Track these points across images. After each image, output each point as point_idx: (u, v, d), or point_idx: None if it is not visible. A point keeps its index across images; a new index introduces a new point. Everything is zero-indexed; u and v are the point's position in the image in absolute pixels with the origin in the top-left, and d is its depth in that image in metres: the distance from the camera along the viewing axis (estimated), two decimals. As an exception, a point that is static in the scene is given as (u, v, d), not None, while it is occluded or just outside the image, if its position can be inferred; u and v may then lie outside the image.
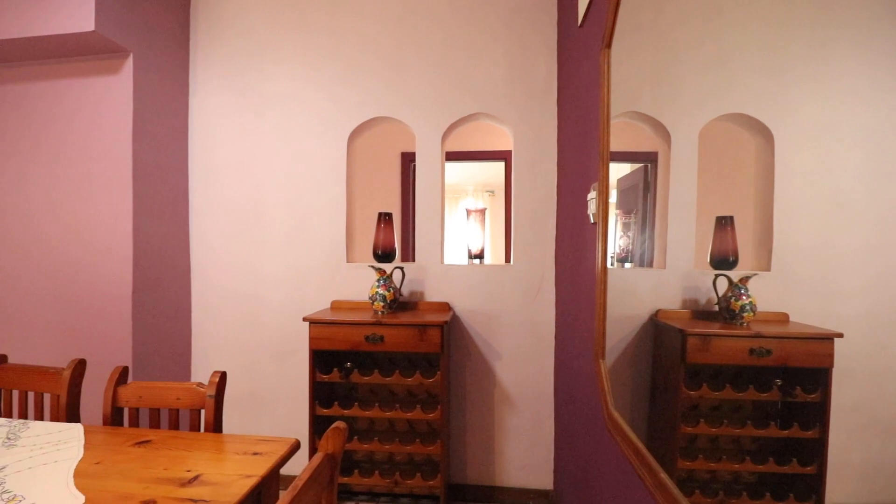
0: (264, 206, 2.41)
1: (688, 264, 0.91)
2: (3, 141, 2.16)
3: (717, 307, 0.80)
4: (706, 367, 0.84)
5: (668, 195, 0.97)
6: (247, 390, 2.41)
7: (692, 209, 0.90)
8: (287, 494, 0.73)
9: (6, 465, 1.07)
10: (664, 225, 1.00)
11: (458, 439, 2.30)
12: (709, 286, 0.81)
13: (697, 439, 0.86)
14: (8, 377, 1.51)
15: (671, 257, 0.96)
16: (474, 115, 2.31)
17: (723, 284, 0.79)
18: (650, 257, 1.11)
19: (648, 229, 1.13)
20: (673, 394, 0.92)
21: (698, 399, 0.84)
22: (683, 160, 0.93)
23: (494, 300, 2.27)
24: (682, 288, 0.92)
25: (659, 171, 1.05)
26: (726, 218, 0.80)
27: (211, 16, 2.44)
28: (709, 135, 0.84)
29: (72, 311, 2.12)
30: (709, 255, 0.81)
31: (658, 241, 1.04)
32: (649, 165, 1.17)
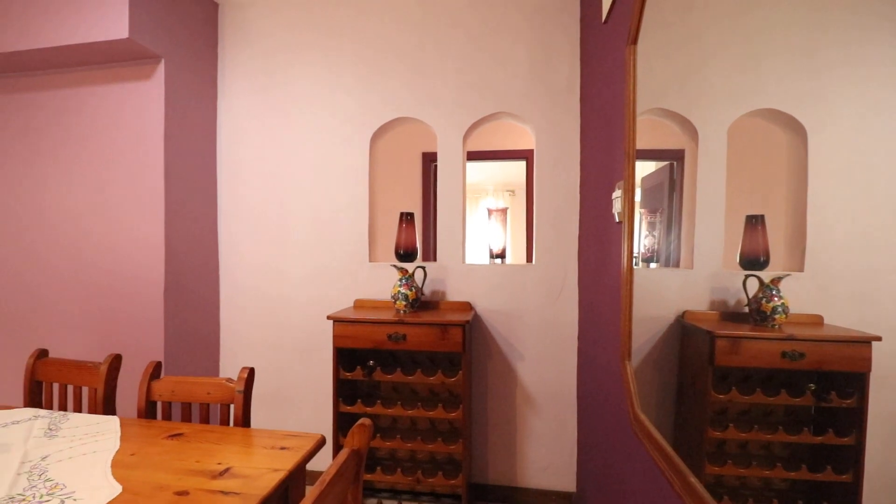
0: (289, 206, 2.46)
1: (716, 264, 0.89)
2: (46, 144, 2.27)
3: (747, 309, 0.78)
4: (735, 370, 0.82)
5: (695, 193, 0.95)
6: (272, 387, 2.47)
7: (721, 208, 0.88)
8: (315, 488, 0.74)
9: (49, 454, 1.12)
10: (691, 224, 0.98)
11: (479, 439, 2.30)
12: (738, 287, 0.79)
13: (726, 444, 0.84)
14: (49, 371, 1.58)
15: (699, 257, 0.94)
16: (496, 114, 2.30)
17: (753, 285, 0.76)
18: (677, 257, 1.09)
19: (675, 228, 1.11)
20: (700, 397, 0.90)
21: (727, 403, 0.83)
22: (712, 157, 0.91)
23: (516, 300, 2.26)
24: (710, 289, 0.90)
25: (686, 169, 1.03)
26: (757, 217, 0.78)
27: (238, 20, 2.50)
28: (738, 131, 0.82)
29: (108, 308, 2.21)
30: (738, 254, 0.79)
31: (685, 240, 1.02)
32: (675, 163, 1.15)
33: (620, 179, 1.40)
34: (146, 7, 2.03)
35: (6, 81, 2.30)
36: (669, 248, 1.15)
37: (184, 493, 0.95)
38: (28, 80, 2.28)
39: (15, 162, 2.30)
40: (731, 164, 0.85)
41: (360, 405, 2.04)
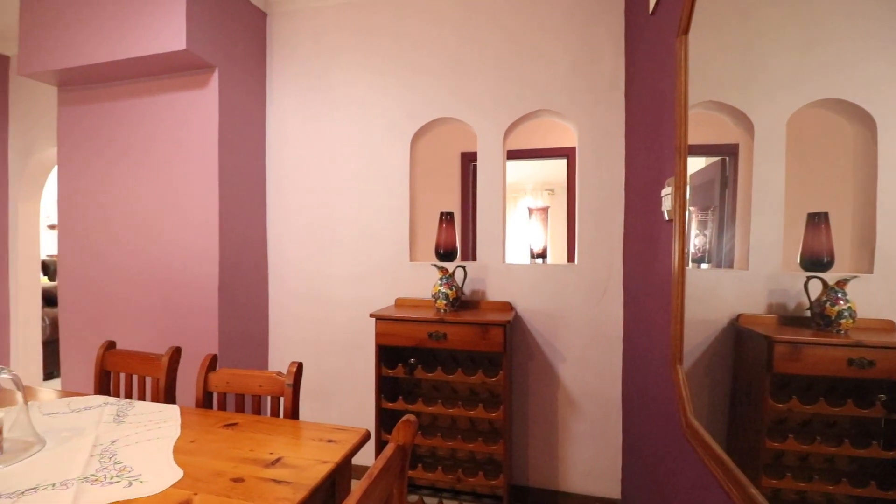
0: (332, 208, 2.53)
1: (774, 265, 0.85)
2: (112, 152, 2.45)
3: (808, 313, 0.74)
4: (795, 377, 0.78)
5: (750, 190, 0.91)
6: (317, 382, 2.55)
7: (779, 205, 0.83)
8: (363, 481, 0.77)
9: (117, 438, 1.21)
10: (746, 222, 0.93)
11: (520, 440, 2.29)
12: (799, 289, 0.75)
13: (784, 456, 0.79)
14: (116, 361, 1.71)
15: (755, 257, 0.90)
16: (536, 111, 2.28)
17: (816, 288, 0.72)
18: (730, 257, 1.04)
19: (728, 227, 1.06)
20: (757, 405, 0.86)
21: (786, 412, 0.78)
22: (769, 152, 0.86)
23: (558, 300, 2.22)
24: (768, 291, 0.85)
25: (740, 165, 0.99)
26: (820, 214, 0.73)
27: (285, 28, 2.61)
28: (798, 123, 0.78)
29: (168, 303, 2.36)
30: (799, 255, 0.74)
31: (740, 240, 0.97)
32: (727, 159, 1.10)
33: (670, 176, 1.35)
34: (202, 20, 2.16)
35: (81, 93, 2.50)
36: (722, 248, 1.10)
37: (239, 479, 1.00)
38: (99, 91, 2.47)
39: (88, 166, 2.50)
40: (790, 158, 0.81)
41: (401, 402, 2.07)
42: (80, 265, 2.52)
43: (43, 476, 1.01)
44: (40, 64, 2.30)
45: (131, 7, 2.15)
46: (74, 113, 2.51)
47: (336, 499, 1.15)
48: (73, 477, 1.01)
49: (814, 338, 0.72)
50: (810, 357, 0.75)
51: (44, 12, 2.29)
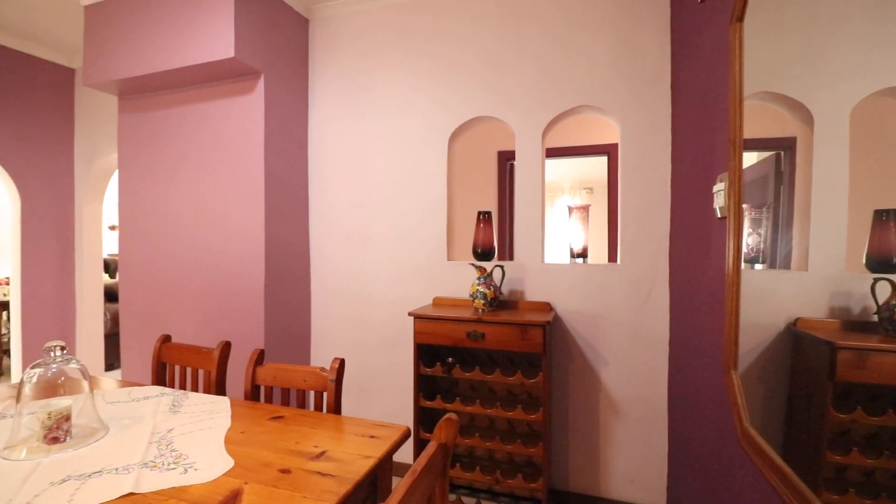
0: (371, 208, 2.57)
1: (836, 266, 0.79)
2: (166, 156, 2.58)
3: (875, 317, 0.68)
4: (860, 386, 0.72)
5: (809, 186, 0.85)
6: (356, 379, 2.59)
7: (842, 202, 0.77)
8: (407, 477, 0.77)
9: (173, 427, 1.28)
10: (805, 220, 0.87)
11: (559, 443, 2.24)
12: (864, 292, 0.69)
13: (847, 470, 0.74)
14: (172, 354, 1.80)
15: (814, 258, 0.84)
16: (577, 108, 2.22)
17: (884, 290, 0.66)
18: (787, 257, 0.98)
19: (785, 226, 1.00)
20: (817, 416, 0.80)
21: (850, 424, 0.73)
22: (831, 144, 0.80)
23: (599, 301, 2.16)
24: (829, 294, 0.80)
25: (798, 159, 0.92)
26: (888, 211, 0.67)
27: (326, 33, 2.67)
28: (864, 114, 0.72)
29: (218, 300, 2.46)
30: (865, 255, 0.68)
31: (798, 239, 0.91)
32: (783, 153, 1.03)
33: (723, 171, 1.28)
34: (248, 29, 2.24)
35: (138, 101, 2.66)
36: (777, 248, 1.04)
37: (286, 471, 1.03)
38: (154, 99, 2.61)
39: (145, 170, 2.65)
40: (854, 151, 0.75)
41: (439, 401, 2.08)
42: (138, 263, 2.67)
43: (107, 460, 1.08)
44: (102, 75, 2.46)
45: (183, 19, 2.26)
46: (133, 120, 2.67)
47: (378, 494, 1.16)
48: (134, 462, 1.06)
49: (882, 344, 0.67)
50: (877, 365, 0.69)
51: (105, 28, 2.45)
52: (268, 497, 0.92)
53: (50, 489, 0.95)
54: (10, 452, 1.10)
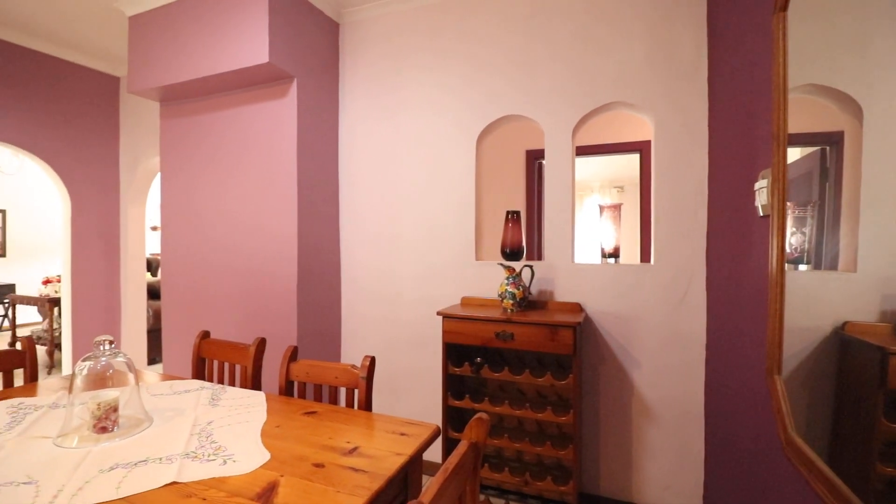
0: (400, 208, 2.59)
1: (888, 267, 0.74)
2: (205, 160, 2.68)
3: None
4: (915, 395, 0.68)
5: (859, 183, 0.81)
6: (385, 377, 2.62)
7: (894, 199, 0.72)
8: (439, 475, 0.77)
9: (213, 420, 1.32)
10: (853, 219, 0.83)
11: (590, 447, 2.20)
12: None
13: (901, 483, 0.70)
14: (210, 349, 1.87)
15: (864, 258, 0.80)
16: (608, 105, 2.18)
17: None
18: (834, 258, 0.93)
19: (832, 224, 0.95)
20: (866, 425, 0.76)
21: (904, 434, 0.69)
22: (882, 139, 0.76)
23: (632, 303, 2.11)
24: (881, 296, 0.75)
25: (845, 154, 0.88)
26: None
27: (356, 36, 2.71)
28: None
29: (254, 299, 2.53)
30: None
31: (846, 239, 0.87)
32: (828, 148, 0.98)
33: (765, 167, 1.23)
34: (282, 34, 2.30)
35: (179, 107, 2.77)
36: (823, 248, 0.99)
37: (320, 465, 1.05)
38: (193, 105, 2.72)
39: (185, 173, 2.76)
40: None
41: (468, 400, 2.07)
42: (178, 263, 2.79)
43: (152, 450, 1.13)
44: (145, 82, 2.57)
45: (220, 27, 2.34)
46: (173, 125, 2.78)
47: (408, 491, 1.17)
48: (176, 452, 1.11)
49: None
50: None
51: (147, 38, 2.57)
52: (303, 490, 0.94)
53: (99, 476, 1.00)
54: (62, 440, 1.16)
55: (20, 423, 1.28)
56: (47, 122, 3.24)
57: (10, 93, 3.03)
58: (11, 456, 1.09)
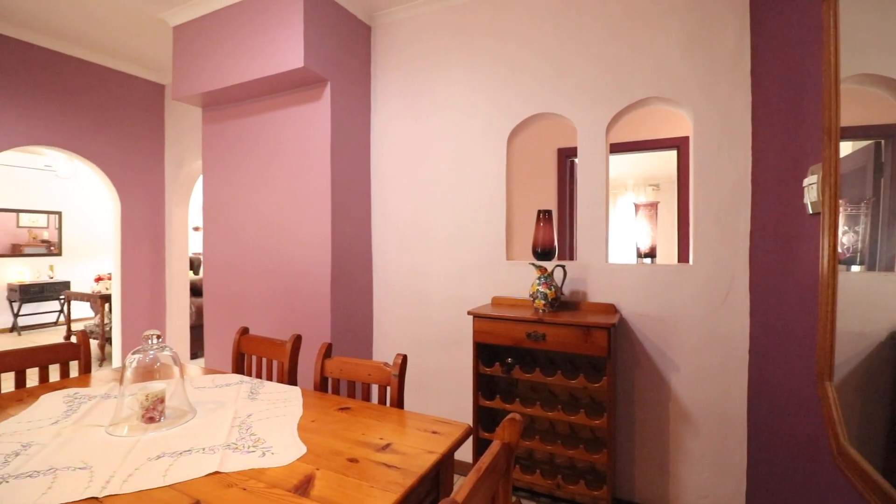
0: (430, 208, 2.61)
1: None
2: (244, 162, 2.78)
3: None
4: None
5: None
6: (415, 375, 2.64)
7: None
8: (473, 474, 0.77)
9: (252, 413, 1.37)
10: None
11: (625, 452, 2.14)
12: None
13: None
14: (249, 345, 1.93)
15: None
16: (643, 100, 2.12)
17: None
18: (891, 259, 0.88)
19: (887, 223, 0.89)
20: None
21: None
22: None
23: (670, 304, 2.05)
24: None
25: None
26: None
27: (387, 38, 2.74)
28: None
29: (290, 298, 2.61)
30: None
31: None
32: (883, 142, 0.92)
33: (815, 163, 1.17)
34: (316, 39, 2.35)
35: (219, 112, 2.88)
36: (878, 248, 0.93)
37: (354, 460, 1.07)
38: (233, 110, 2.82)
39: (225, 175, 2.86)
40: None
41: (498, 401, 2.06)
42: (219, 262, 2.90)
43: (196, 440, 1.18)
44: (188, 89, 2.69)
45: (257, 34, 2.42)
46: (214, 130, 2.90)
47: (440, 489, 1.17)
48: (218, 443, 1.15)
49: None
50: None
51: (190, 47, 2.68)
52: (338, 484, 0.96)
53: (147, 464, 1.05)
54: (114, 429, 1.23)
55: (76, 412, 1.36)
56: (98, 129, 3.43)
57: (65, 101, 3.23)
58: (68, 443, 1.16)
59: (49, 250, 6.87)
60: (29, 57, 3.03)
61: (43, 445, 1.14)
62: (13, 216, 6.49)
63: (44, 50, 3.09)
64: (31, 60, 3.05)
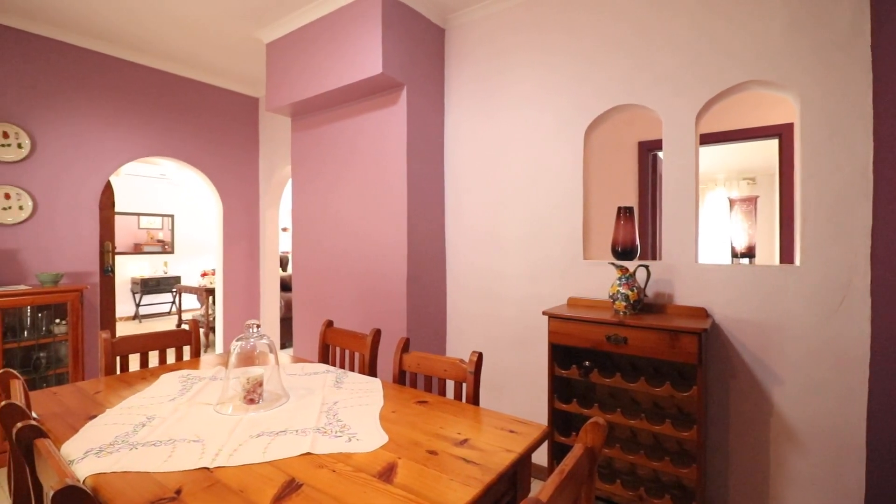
0: (503, 207, 2.59)
1: None
2: (326, 167, 2.96)
3: None
4: None
5: None
6: (489, 375, 2.64)
7: None
8: (556, 476, 0.76)
9: (338, 400, 1.45)
10: None
11: (717, 468, 1.98)
12: None
13: None
14: (333, 337, 2.06)
15: None
16: (740, 85, 1.94)
17: None
18: None
19: None
20: None
21: None
22: None
23: (772, 310, 1.85)
24: None
25: None
26: None
27: (460, 39, 2.77)
28: None
29: (368, 296, 2.73)
30: None
31: None
32: None
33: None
34: (393, 45, 2.44)
35: (305, 121, 3.09)
36: None
37: (434, 452, 1.10)
38: (317, 118, 3.01)
39: (311, 179, 3.07)
40: None
41: (575, 405, 2.00)
42: (306, 259, 3.11)
43: (289, 422, 1.27)
44: (279, 100, 2.92)
45: (340, 44, 2.56)
46: (302, 137, 3.12)
47: (517, 490, 1.16)
48: (309, 426, 1.24)
49: None
50: None
51: (281, 61, 2.91)
52: (418, 473, 1.00)
53: (250, 441, 1.16)
54: (220, 407, 1.37)
55: (189, 391, 1.54)
56: (203, 139, 3.84)
57: (175, 116, 3.65)
58: (184, 418, 1.31)
59: (163, 249, 7.81)
60: (147, 79, 3.47)
61: (163, 419, 1.30)
62: (135, 219, 7.47)
63: (157, 71, 3.52)
64: (149, 82, 3.48)
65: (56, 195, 3.01)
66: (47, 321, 2.85)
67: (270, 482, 0.96)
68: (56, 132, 3.01)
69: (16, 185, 2.84)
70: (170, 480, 0.97)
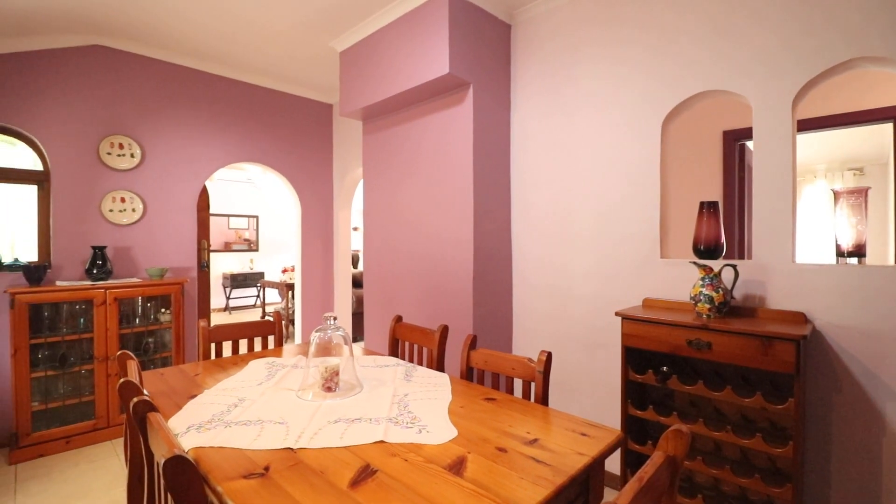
0: (572, 203, 2.51)
1: None
2: (395, 167, 3.04)
3: None
4: None
5: None
6: (555, 374, 2.58)
7: None
8: (634, 482, 0.72)
9: (408, 393, 1.49)
10: None
11: (816, 490, 1.78)
12: None
13: None
14: (402, 332, 2.12)
15: None
16: (844, 63, 1.72)
17: None
18: None
19: None
20: None
21: None
22: None
23: (887, 317, 1.63)
24: None
25: None
26: None
27: (527, 35, 2.72)
28: None
29: (435, 294, 2.78)
30: None
31: None
32: None
33: None
34: (459, 44, 2.45)
35: (375, 123, 3.21)
36: None
37: (503, 450, 1.09)
38: (386, 120, 3.11)
39: (380, 181, 3.18)
40: None
41: (651, 412, 1.90)
42: (376, 257, 3.23)
43: (363, 411, 1.33)
44: (352, 105, 3.05)
45: (407, 47, 2.62)
46: (372, 140, 3.24)
47: (589, 495, 1.13)
48: (382, 416, 1.29)
49: None
50: None
51: (353, 68, 3.04)
52: (488, 469, 1.00)
53: (328, 426, 1.23)
54: (302, 393, 1.47)
55: (273, 377, 1.66)
56: (283, 145, 4.12)
57: (258, 124, 3.95)
58: (270, 401, 1.42)
59: (249, 247, 8.52)
60: (234, 91, 3.79)
61: (253, 401, 1.42)
62: (225, 220, 8.21)
63: (242, 84, 3.83)
64: (236, 93, 3.80)
65: (161, 198, 3.38)
66: (154, 310, 3.22)
67: (348, 466, 1.02)
68: (161, 142, 3.38)
69: (130, 189, 3.24)
70: (259, 457, 1.06)
